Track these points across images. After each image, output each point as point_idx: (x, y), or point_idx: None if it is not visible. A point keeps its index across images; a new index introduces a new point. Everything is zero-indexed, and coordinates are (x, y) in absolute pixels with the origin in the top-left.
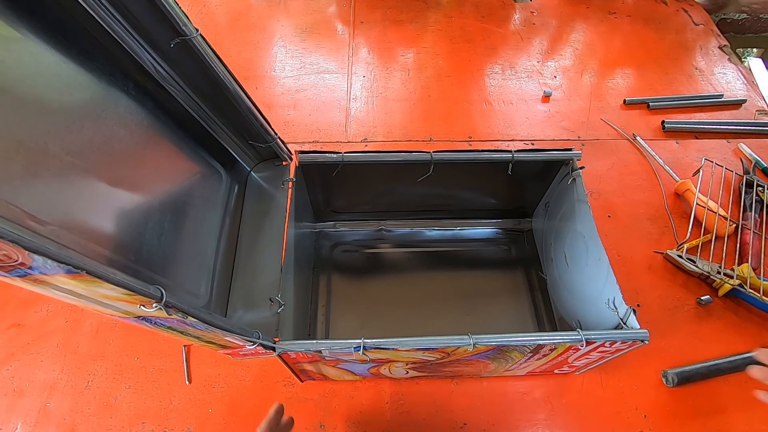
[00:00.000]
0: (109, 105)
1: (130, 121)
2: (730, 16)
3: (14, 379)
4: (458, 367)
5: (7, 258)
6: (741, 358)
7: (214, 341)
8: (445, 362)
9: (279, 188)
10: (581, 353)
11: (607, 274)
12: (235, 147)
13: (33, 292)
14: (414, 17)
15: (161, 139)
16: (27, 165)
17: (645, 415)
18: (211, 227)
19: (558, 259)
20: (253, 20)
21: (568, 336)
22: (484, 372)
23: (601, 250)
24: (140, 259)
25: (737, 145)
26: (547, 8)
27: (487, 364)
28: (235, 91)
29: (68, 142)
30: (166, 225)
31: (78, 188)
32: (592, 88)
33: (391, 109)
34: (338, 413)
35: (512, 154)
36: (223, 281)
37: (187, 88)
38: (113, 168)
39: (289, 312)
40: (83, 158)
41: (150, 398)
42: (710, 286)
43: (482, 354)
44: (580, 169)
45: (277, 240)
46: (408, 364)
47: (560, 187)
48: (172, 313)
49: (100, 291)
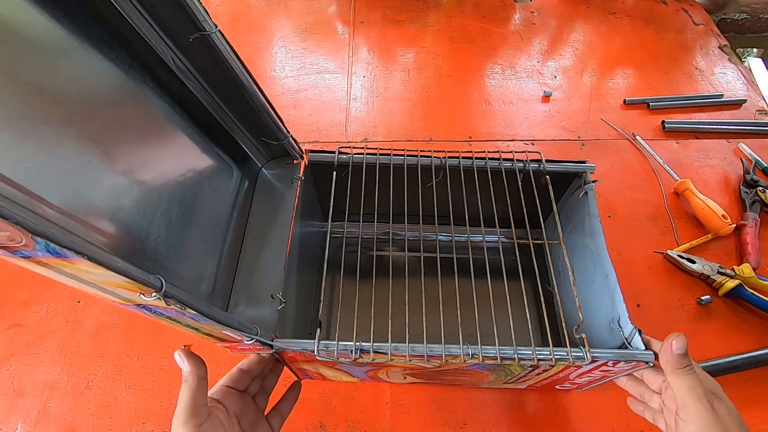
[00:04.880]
0: (126, 95)
1: (146, 112)
2: (730, 16)
3: (14, 379)
4: (456, 376)
5: (11, 239)
6: (741, 358)
7: (213, 334)
8: (443, 371)
9: (289, 186)
10: (583, 371)
11: (614, 292)
12: (247, 143)
13: (33, 292)
14: (414, 17)
15: (175, 131)
16: (40, 148)
17: None
18: (219, 221)
19: (565, 272)
20: (253, 20)
21: (572, 353)
22: (483, 383)
23: (609, 267)
24: (147, 246)
25: (737, 145)
26: (547, 8)
27: (486, 375)
28: (250, 87)
29: (84, 128)
30: (174, 215)
31: (90, 174)
32: (592, 88)
33: (391, 109)
34: (338, 413)
35: (524, 163)
36: (227, 275)
37: (204, 82)
38: (126, 156)
39: (290, 310)
40: (97, 145)
41: (150, 398)
42: (710, 286)
43: (481, 365)
44: (592, 183)
45: (283, 237)
46: (405, 370)
47: (572, 200)
48: (170, 303)
49: (100, 277)
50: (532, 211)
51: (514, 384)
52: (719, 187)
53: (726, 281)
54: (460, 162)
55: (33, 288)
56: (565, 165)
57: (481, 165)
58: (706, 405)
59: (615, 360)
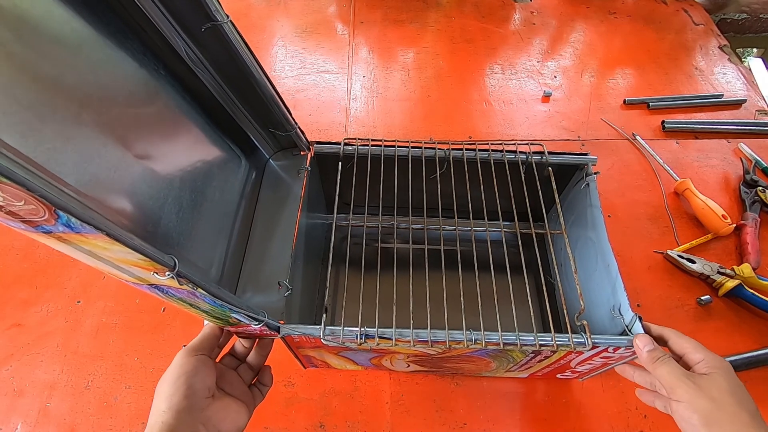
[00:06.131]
0: (140, 85)
1: (159, 102)
2: (730, 16)
3: (14, 379)
4: (459, 363)
5: (34, 213)
6: (741, 358)
7: (221, 317)
8: (445, 357)
9: (295, 177)
10: (584, 357)
11: (615, 281)
12: (256, 134)
13: (33, 292)
14: (414, 17)
15: (186, 120)
16: (59, 132)
17: (645, 415)
18: (228, 209)
19: (567, 263)
20: (253, 20)
21: (573, 339)
22: (485, 371)
23: (610, 257)
24: (158, 230)
25: (737, 145)
26: (547, 8)
27: (488, 362)
28: (260, 78)
29: (100, 115)
30: (184, 202)
31: (106, 158)
32: (592, 88)
33: (391, 109)
34: (338, 413)
35: (527, 156)
36: (234, 263)
37: (215, 73)
38: (140, 142)
39: (296, 298)
40: (113, 130)
41: (150, 398)
42: (710, 286)
43: (483, 351)
44: (594, 174)
45: (289, 227)
46: (409, 357)
47: (574, 192)
48: (183, 283)
49: (117, 255)
50: (534, 204)
51: (516, 372)
52: (719, 187)
53: (726, 281)
54: (463, 154)
55: (33, 288)
56: (567, 157)
57: (484, 157)
58: (687, 382)
59: (615, 346)
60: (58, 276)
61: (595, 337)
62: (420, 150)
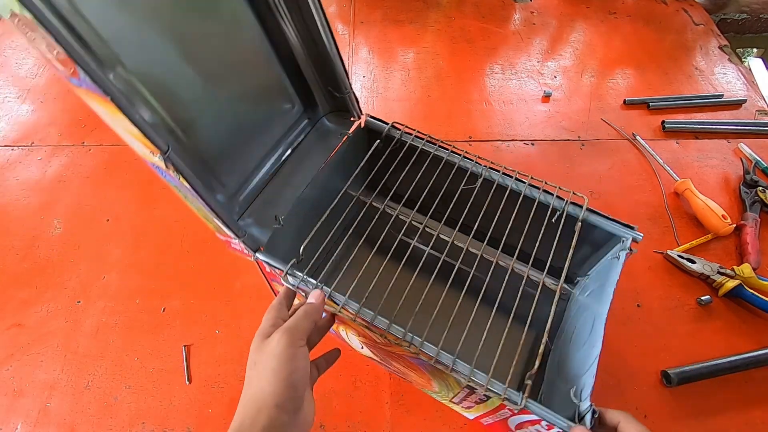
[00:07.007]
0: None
1: (239, 34)
2: (730, 16)
3: (14, 379)
4: (403, 367)
5: (65, 64)
6: (741, 358)
7: (209, 219)
8: (389, 352)
9: (339, 140)
10: (522, 420)
11: (592, 365)
12: (316, 89)
13: (33, 292)
14: (414, 17)
15: (258, 51)
16: (131, 22)
17: (645, 415)
18: (267, 140)
19: (567, 332)
20: None
21: (507, 391)
22: (429, 389)
23: (598, 339)
24: (188, 128)
25: (737, 145)
26: (547, 8)
27: (429, 378)
28: (326, 35)
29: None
30: (229, 117)
31: (163, 57)
32: (592, 88)
33: (391, 109)
34: (338, 413)
35: (564, 202)
36: (251, 191)
37: (294, 23)
38: (205, 59)
39: (287, 238)
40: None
41: (150, 398)
42: (710, 286)
43: (420, 361)
44: (631, 251)
45: (306, 176)
46: (360, 337)
47: (603, 262)
48: (170, 167)
49: (122, 123)
50: (566, 261)
51: (459, 406)
52: (719, 187)
53: (726, 281)
54: (499, 179)
55: (33, 288)
56: (608, 223)
57: (516, 189)
58: None
59: (550, 423)
60: (58, 276)
61: (532, 403)
62: (459, 157)
